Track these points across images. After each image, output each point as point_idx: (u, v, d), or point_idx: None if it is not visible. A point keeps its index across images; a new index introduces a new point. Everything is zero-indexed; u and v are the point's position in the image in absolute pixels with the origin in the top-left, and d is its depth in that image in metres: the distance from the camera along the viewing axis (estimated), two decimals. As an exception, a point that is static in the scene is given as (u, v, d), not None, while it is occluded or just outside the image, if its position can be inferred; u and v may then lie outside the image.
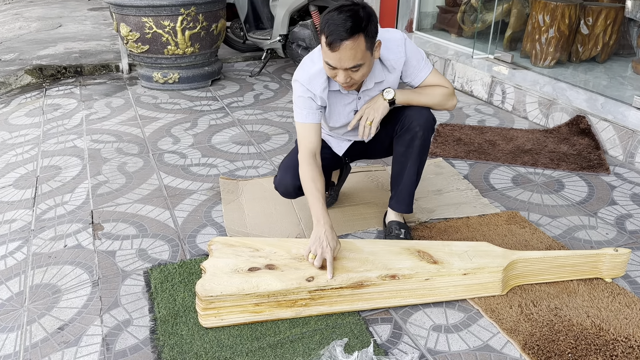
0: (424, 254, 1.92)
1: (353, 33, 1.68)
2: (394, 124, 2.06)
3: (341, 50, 1.70)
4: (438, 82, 2.01)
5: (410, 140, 2.01)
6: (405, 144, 2.03)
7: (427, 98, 2.00)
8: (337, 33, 1.67)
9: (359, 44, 1.70)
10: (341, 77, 1.79)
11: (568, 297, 1.86)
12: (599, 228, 2.32)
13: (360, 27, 1.68)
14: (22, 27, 6.49)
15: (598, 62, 4.05)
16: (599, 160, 2.92)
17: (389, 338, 1.71)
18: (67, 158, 3.02)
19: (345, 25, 1.67)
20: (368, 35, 1.72)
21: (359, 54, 1.72)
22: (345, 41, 1.68)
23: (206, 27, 4.09)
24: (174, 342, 1.67)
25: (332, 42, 1.69)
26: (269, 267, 1.84)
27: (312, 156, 1.94)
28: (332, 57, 1.73)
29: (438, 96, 2.00)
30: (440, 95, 2.00)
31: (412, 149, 2.02)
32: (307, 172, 1.92)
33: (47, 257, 2.14)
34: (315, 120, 1.96)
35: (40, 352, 1.67)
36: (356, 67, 1.75)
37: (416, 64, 1.97)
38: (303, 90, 1.93)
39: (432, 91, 2.00)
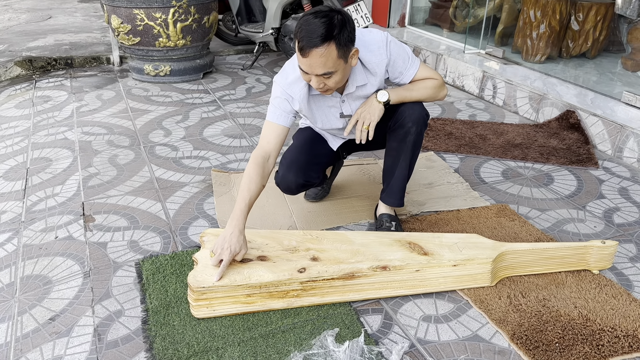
0: (415, 245, 1.94)
1: (324, 41, 1.66)
2: (388, 119, 2.07)
3: (311, 56, 1.68)
4: (427, 76, 2.01)
5: (403, 135, 2.02)
6: (398, 139, 2.04)
7: (419, 93, 2.00)
8: (308, 39, 1.66)
9: (330, 52, 1.68)
10: (314, 82, 1.77)
11: (556, 289, 1.89)
12: (587, 221, 2.35)
13: (332, 35, 1.66)
14: (12, 19, 6.42)
15: (588, 58, 4.09)
16: (588, 154, 2.95)
17: (380, 328, 1.72)
18: (58, 150, 3.01)
19: (317, 32, 1.65)
20: (340, 44, 1.69)
21: (329, 62, 1.70)
22: (315, 48, 1.66)
23: (198, 20, 4.08)
24: (166, 332, 1.68)
25: (302, 48, 1.68)
26: (260, 258, 1.85)
27: (264, 158, 1.87)
28: (303, 62, 1.72)
29: (430, 89, 2.00)
30: (431, 89, 2.00)
31: (405, 144, 2.03)
32: (250, 170, 1.84)
33: (38, 249, 2.13)
34: (284, 123, 1.92)
35: (32, 342, 1.67)
36: (327, 74, 1.73)
37: (402, 64, 1.96)
38: (281, 91, 1.93)
39: (423, 84, 2.00)
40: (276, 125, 1.92)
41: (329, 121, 2.06)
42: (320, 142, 2.21)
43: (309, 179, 2.13)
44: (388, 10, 5.20)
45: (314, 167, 2.15)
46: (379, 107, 1.93)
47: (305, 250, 1.90)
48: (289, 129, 1.96)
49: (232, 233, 1.76)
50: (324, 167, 2.25)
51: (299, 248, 1.91)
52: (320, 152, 2.19)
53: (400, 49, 1.95)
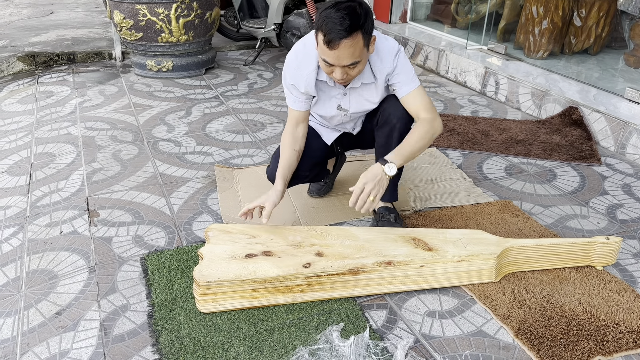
0: (419, 241, 1.94)
1: (352, 31, 1.68)
2: (374, 116, 2.09)
3: (340, 48, 1.70)
4: (420, 103, 1.94)
5: (389, 132, 2.02)
6: (385, 136, 2.04)
7: (418, 145, 1.89)
8: (336, 31, 1.67)
9: (358, 42, 1.71)
10: (338, 74, 1.79)
11: (560, 284, 1.89)
12: (590, 217, 2.36)
13: (359, 24, 1.68)
14: (13, 14, 6.41)
15: (591, 54, 4.09)
16: (590, 150, 2.96)
17: (385, 323, 1.73)
18: (61, 145, 3.01)
19: (343, 24, 1.66)
20: (366, 32, 1.72)
21: (357, 52, 1.73)
22: (345, 39, 1.68)
23: (200, 15, 4.07)
24: (172, 326, 1.69)
25: (330, 41, 1.69)
26: (265, 253, 1.86)
27: (293, 127, 2.03)
28: (330, 54, 1.73)
29: (426, 138, 1.90)
30: (427, 136, 1.90)
31: (392, 139, 2.01)
32: (282, 141, 2.04)
33: (43, 244, 2.14)
34: (301, 108, 2.01)
35: (38, 336, 1.68)
36: (354, 64, 1.76)
37: (404, 78, 1.93)
38: (289, 76, 1.97)
39: (419, 135, 1.89)
40: (296, 111, 2.02)
41: (325, 109, 2.08)
42: (313, 137, 2.19)
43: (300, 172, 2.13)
44: (390, 6, 5.20)
45: (306, 162, 2.13)
46: (387, 180, 1.84)
47: (310, 246, 1.90)
48: (308, 110, 2.04)
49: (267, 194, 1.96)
50: (316, 162, 2.22)
51: (303, 243, 1.92)
52: (312, 147, 2.15)
53: (407, 65, 1.94)
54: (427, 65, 4.53)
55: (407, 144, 1.89)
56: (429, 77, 4.31)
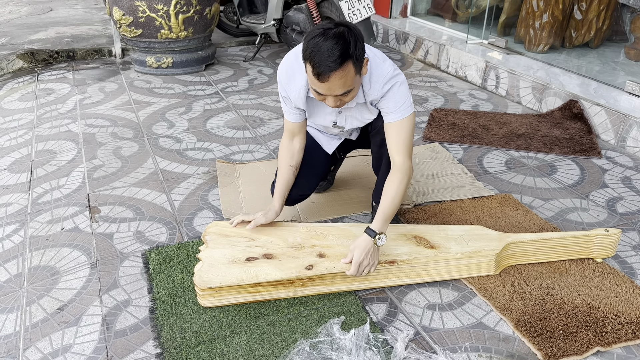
0: (421, 239, 1.94)
1: (342, 62, 1.58)
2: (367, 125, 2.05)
3: (331, 80, 1.61)
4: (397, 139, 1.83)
5: (381, 140, 1.94)
6: (378, 144, 2.00)
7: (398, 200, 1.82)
8: (325, 64, 1.57)
9: (349, 71, 1.61)
10: (330, 101, 1.70)
11: (560, 277, 1.90)
12: (590, 210, 2.36)
13: (349, 53, 1.58)
14: (12, 12, 6.41)
15: (591, 48, 4.08)
16: (591, 144, 2.96)
17: (385, 316, 1.74)
18: (62, 142, 3.02)
19: (332, 55, 1.56)
20: (357, 60, 1.62)
21: (348, 81, 1.64)
22: (335, 72, 1.59)
23: (200, 11, 4.07)
24: (174, 321, 1.70)
25: (320, 74, 1.59)
26: (266, 256, 1.85)
27: (289, 140, 2.00)
28: (321, 86, 1.65)
29: (402, 188, 1.82)
30: (402, 187, 1.82)
31: (384, 148, 1.93)
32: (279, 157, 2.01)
33: (45, 240, 2.15)
34: (297, 120, 1.95)
35: (41, 332, 1.69)
36: (346, 92, 1.68)
37: (392, 105, 1.82)
38: (281, 89, 1.90)
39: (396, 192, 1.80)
40: (291, 123, 1.97)
41: (321, 122, 2.03)
42: (315, 151, 2.14)
43: (305, 192, 2.14)
44: (390, 1, 5.19)
45: (310, 180, 2.13)
46: (378, 250, 1.81)
47: (311, 247, 1.90)
48: (304, 120, 1.98)
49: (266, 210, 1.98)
50: (321, 176, 2.22)
51: (304, 245, 1.91)
52: (315, 162, 2.12)
53: (399, 93, 1.81)
54: (427, 60, 4.52)
55: (387, 205, 1.80)
56: (429, 72, 4.30)
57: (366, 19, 3.73)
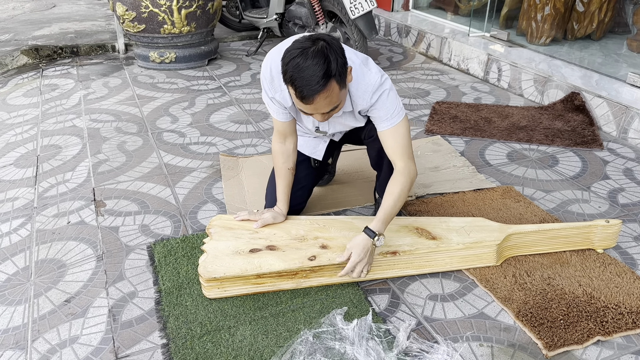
0: (423, 230, 1.96)
1: (326, 83, 1.53)
2: (360, 132, 2.05)
3: (316, 102, 1.57)
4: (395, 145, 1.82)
5: (378, 147, 1.93)
6: (376, 149, 1.99)
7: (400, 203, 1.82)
8: (309, 88, 1.52)
9: (333, 90, 1.57)
10: (319, 117, 1.68)
11: (561, 267, 1.92)
12: (591, 202, 2.37)
13: (331, 73, 1.53)
14: (16, 8, 6.43)
15: (593, 40, 4.07)
16: (592, 136, 2.96)
17: (387, 307, 1.76)
18: (67, 137, 3.04)
19: (315, 77, 1.51)
20: (340, 76, 1.57)
21: (334, 98, 1.60)
22: (320, 94, 1.55)
23: (202, 6, 4.08)
24: (179, 312, 1.72)
25: (304, 97, 1.55)
26: (270, 248, 1.87)
27: (281, 143, 1.98)
28: (306, 107, 1.61)
29: (405, 191, 1.81)
30: (405, 190, 1.81)
31: (383, 153, 1.92)
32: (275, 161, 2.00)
33: (51, 234, 2.17)
34: (286, 119, 1.92)
35: (49, 323, 1.72)
36: (333, 109, 1.65)
37: (383, 114, 1.80)
38: (267, 88, 1.86)
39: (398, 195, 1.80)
40: (281, 123, 1.95)
41: (306, 124, 2.02)
42: (300, 164, 2.10)
43: (300, 204, 2.16)
44: (392, -6, 5.18)
45: (299, 194, 2.13)
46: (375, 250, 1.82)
47: (314, 239, 1.92)
48: (294, 119, 1.96)
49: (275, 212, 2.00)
50: (311, 186, 2.22)
51: (307, 237, 1.93)
52: (299, 175, 2.10)
53: (388, 101, 1.78)
54: (429, 53, 4.53)
55: (388, 206, 1.80)
56: (431, 65, 4.31)
57: (368, 12, 3.74)
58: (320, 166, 2.24)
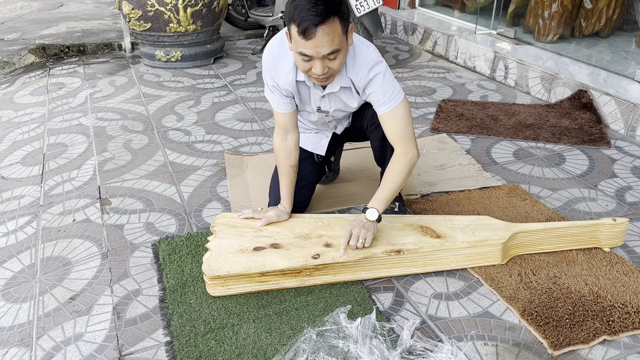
0: (427, 229, 1.95)
1: (327, 15, 1.54)
2: (362, 120, 2.04)
3: (317, 36, 1.56)
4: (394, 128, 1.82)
5: (381, 134, 1.93)
6: (379, 138, 1.99)
7: (397, 184, 1.84)
8: (310, 18, 1.53)
9: (335, 27, 1.57)
10: (318, 68, 1.65)
11: (567, 266, 1.90)
12: (598, 200, 2.35)
13: (334, 7, 1.55)
14: (24, 7, 6.47)
15: (601, 37, 4.04)
16: (600, 134, 2.94)
17: (391, 305, 1.75)
18: (73, 136, 3.05)
19: (317, 9, 1.52)
20: (343, 17, 1.58)
21: (336, 39, 1.59)
22: (321, 25, 1.54)
23: (208, 4, 4.08)
24: (183, 310, 1.73)
25: (305, 30, 1.54)
26: (273, 246, 1.87)
27: (282, 139, 1.98)
28: (307, 45, 1.59)
29: (403, 173, 1.83)
30: (404, 172, 1.83)
31: (386, 140, 1.93)
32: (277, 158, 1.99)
33: (57, 231, 2.18)
34: (288, 110, 1.92)
35: (54, 320, 1.73)
36: (334, 52, 1.62)
37: (381, 97, 1.81)
38: (269, 77, 1.87)
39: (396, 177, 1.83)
40: (281, 114, 1.94)
41: (305, 110, 2.02)
42: (303, 161, 2.11)
43: (304, 201, 2.15)
44: (398, -8, 5.16)
45: (303, 191, 2.13)
46: (373, 225, 1.82)
47: (318, 237, 1.91)
48: (295, 111, 1.96)
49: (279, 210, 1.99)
50: (314, 184, 2.21)
51: (311, 235, 1.93)
52: (303, 172, 2.10)
53: (385, 81, 1.79)
54: (436, 51, 4.51)
55: (386, 188, 1.83)
56: (437, 63, 4.29)
57: (374, 10, 3.73)
58: (323, 162, 2.23)
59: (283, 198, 2.01)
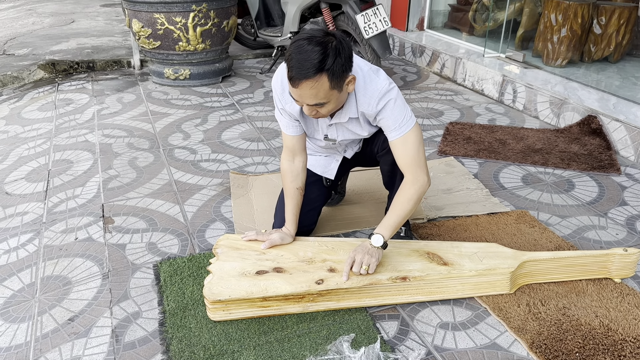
0: (434, 255, 1.91)
1: (316, 72, 1.55)
2: (373, 144, 2.03)
3: (301, 87, 1.59)
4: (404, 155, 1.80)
5: (392, 160, 1.91)
6: (389, 163, 1.97)
7: (405, 212, 1.81)
8: (298, 70, 1.56)
9: (322, 84, 1.58)
10: (306, 109, 1.69)
11: (576, 297, 1.85)
12: (609, 228, 2.31)
13: (324, 66, 1.55)
14: (36, 23, 6.55)
15: (611, 62, 4.02)
16: (609, 160, 2.90)
17: (396, 334, 1.71)
18: (79, 152, 3.05)
19: (308, 63, 1.54)
20: (333, 75, 1.58)
21: (320, 93, 1.60)
22: (306, 80, 1.56)
23: (217, 24, 4.11)
24: (183, 334, 1.69)
25: (291, 78, 1.58)
26: (277, 270, 1.83)
27: (289, 161, 1.97)
28: (293, 91, 1.64)
29: (412, 201, 1.80)
30: (412, 200, 1.80)
31: (396, 166, 1.90)
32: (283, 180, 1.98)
33: (58, 250, 2.16)
34: (296, 133, 1.92)
35: (51, 342, 1.70)
36: (319, 104, 1.65)
37: (391, 123, 1.79)
38: (277, 99, 1.89)
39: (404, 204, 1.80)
40: (290, 136, 1.94)
41: (313, 134, 2.00)
42: (311, 185, 2.10)
43: (309, 226, 2.13)
44: (407, 14, 5.19)
45: (309, 215, 2.11)
46: (378, 251, 1.79)
47: (322, 262, 1.88)
48: (304, 134, 1.96)
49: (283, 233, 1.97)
50: (320, 208, 2.19)
51: (315, 259, 1.89)
52: (311, 196, 2.09)
53: (396, 108, 1.78)
54: (443, 73, 4.50)
55: (394, 215, 1.80)
56: (445, 85, 4.28)
57: (382, 32, 3.73)
58: (331, 186, 2.21)
59: (288, 221, 1.98)
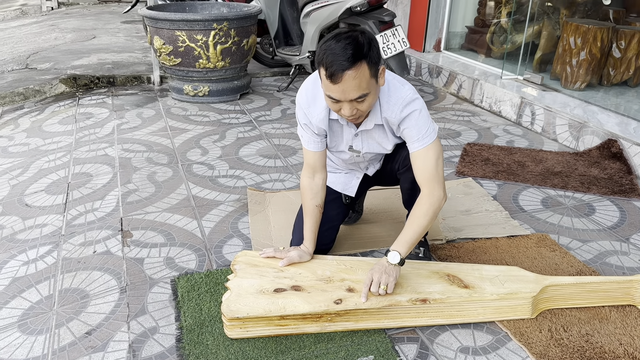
0: (454, 277, 1.89)
1: (355, 61, 1.56)
2: (393, 162, 2.03)
3: (344, 81, 1.58)
4: (423, 168, 1.80)
5: (413, 177, 1.89)
6: (410, 180, 1.95)
7: (422, 228, 1.80)
8: (338, 63, 1.56)
9: (363, 72, 1.58)
10: (346, 110, 1.67)
11: (600, 324, 1.82)
12: (631, 254, 2.27)
13: (362, 53, 1.57)
14: (58, 38, 6.68)
15: (630, 86, 4.00)
16: (631, 185, 2.87)
17: (415, 358, 1.68)
18: (98, 166, 3.08)
19: (345, 54, 1.55)
20: (371, 62, 1.60)
21: (363, 83, 1.60)
22: (348, 71, 1.56)
23: (237, 42, 4.16)
24: (199, 351, 1.68)
25: (333, 74, 1.57)
26: (295, 288, 1.82)
27: (310, 178, 1.97)
28: (335, 89, 1.61)
29: (428, 216, 1.79)
30: (428, 215, 1.79)
31: (416, 184, 1.89)
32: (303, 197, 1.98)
33: (77, 262, 2.17)
34: (317, 149, 1.93)
35: (68, 355, 1.69)
36: (362, 97, 1.64)
37: (415, 133, 1.79)
38: (302, 115, 1.89)
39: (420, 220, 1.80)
40: (311, 152, 1.94)
41: (337, 149, 2.00)
42: (330, 202, 2.10)
43: (327, 245, 2.13)
44: (424, 35, 5.22)
45: (328, 233, 2.11)
46: (395, 269, 1.77)
47: (340, 281, 1.86)
48: (325, 150, 1.96)
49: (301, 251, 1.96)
50: (339, 226, 2.19)
51: (333, 278, 1.88)
52: (330, 214, 2.09)
53: (421, 122, 1.78)
54: (460, 94, 4.50)
55: (410, 231, 1.79)
56: (462, 106, 4.28)
57: (400, 52, 3.75)
58: (350, 204, 2.20)
59: (306, 238, 1.98)
